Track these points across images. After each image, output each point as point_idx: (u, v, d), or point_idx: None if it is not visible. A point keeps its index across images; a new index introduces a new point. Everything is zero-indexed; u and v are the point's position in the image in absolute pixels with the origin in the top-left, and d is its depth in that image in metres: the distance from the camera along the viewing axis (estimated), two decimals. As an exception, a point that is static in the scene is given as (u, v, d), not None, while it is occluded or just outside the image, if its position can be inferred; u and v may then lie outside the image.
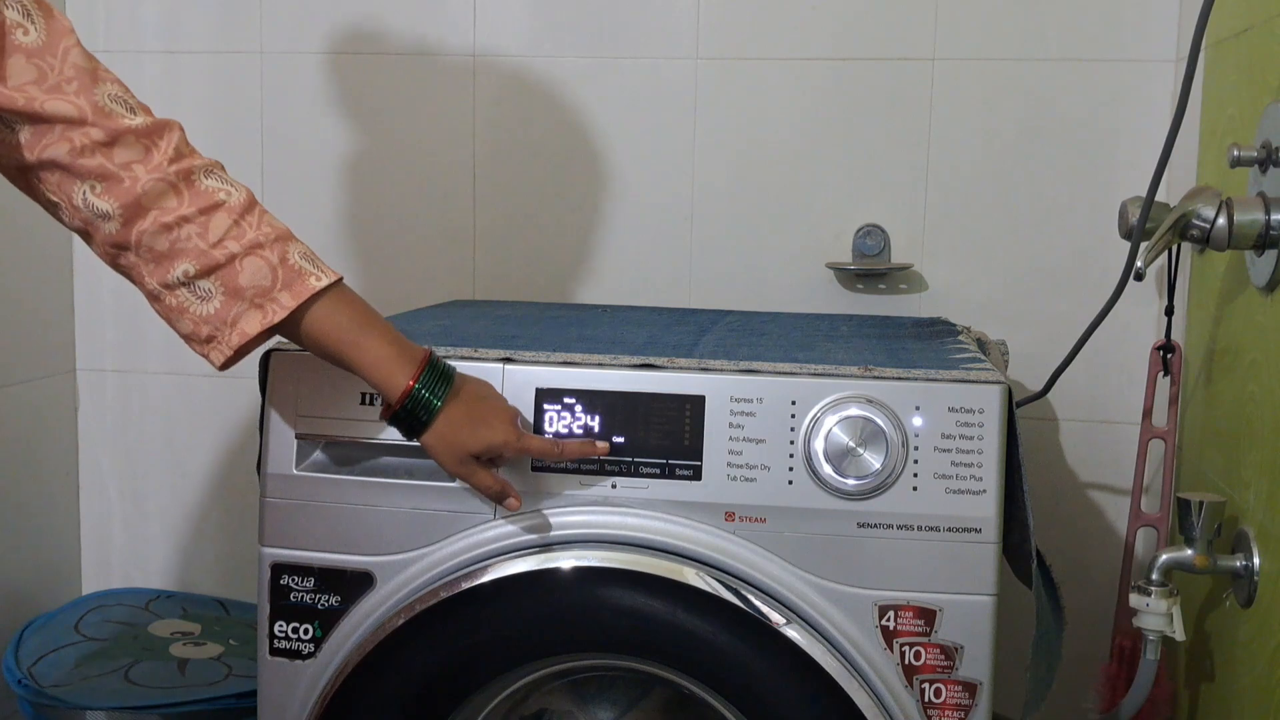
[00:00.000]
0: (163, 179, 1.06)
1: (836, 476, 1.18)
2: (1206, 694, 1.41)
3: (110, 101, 1.05)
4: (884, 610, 1.19)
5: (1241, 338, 1.33)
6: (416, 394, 1.13)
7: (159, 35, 1.86)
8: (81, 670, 1.64)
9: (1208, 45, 1.48)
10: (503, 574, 1.20)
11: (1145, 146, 1.64)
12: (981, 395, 1.19)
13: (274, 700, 1.27)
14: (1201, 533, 1.27)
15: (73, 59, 1.04)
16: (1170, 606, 1.30)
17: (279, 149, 1.86)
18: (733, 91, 1.76)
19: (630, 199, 1.79)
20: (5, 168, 1.07)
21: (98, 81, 1.05)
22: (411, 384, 1.13)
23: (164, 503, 1.95)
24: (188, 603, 1.90)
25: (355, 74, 1.83)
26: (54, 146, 1.03)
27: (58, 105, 1.02)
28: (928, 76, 1.71)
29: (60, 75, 1.03)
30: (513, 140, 1.81)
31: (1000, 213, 1.72)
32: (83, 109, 1.03)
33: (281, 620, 1.26)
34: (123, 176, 1.05)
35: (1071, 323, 1.57)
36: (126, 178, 1.05)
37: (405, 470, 1.24)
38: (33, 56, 1.02)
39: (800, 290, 1.75)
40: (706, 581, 1.18)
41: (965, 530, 1.18)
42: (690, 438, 1.21)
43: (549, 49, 1.79)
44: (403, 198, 1.83)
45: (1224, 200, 1.23)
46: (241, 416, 1.90)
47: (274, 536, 1.26)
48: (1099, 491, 1.74)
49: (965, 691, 1.19)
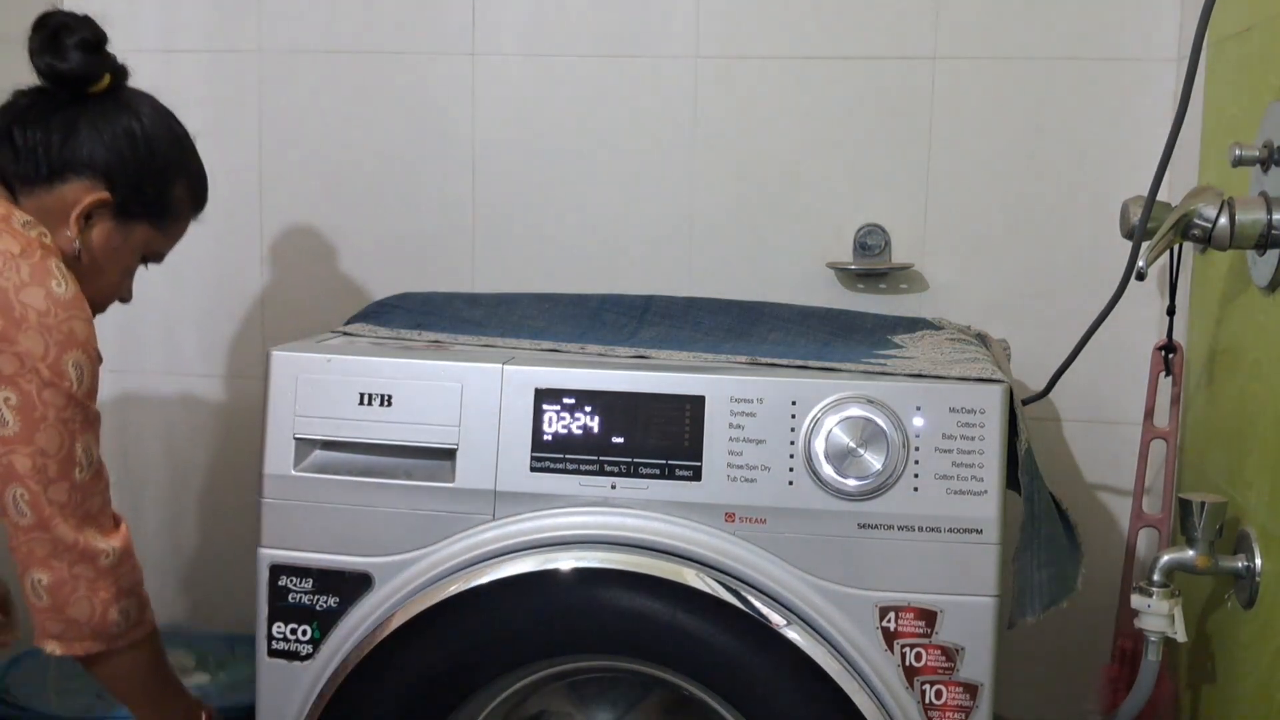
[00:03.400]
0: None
1: (837, 477, 1.18)
2: (1208, 695, 1.40)
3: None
4: (885, 611, 1.19)
5: (1243, 338, 1.33)
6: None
7: (158, 34, 1.86)
8: (59, 683, 1.63)
9: (1209, 44, 1.47)
10: (502, 575, 1.20)
11: (1147, 146, 1.64)
12: (982, 395, 1.18)
13: (273, 701, 1.27)
14: (1203, 533, 1.27)
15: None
16: (1172, 607, 1.29)
17: (278, 148, 1.85)
18: (733, 91, 1.75)
19: (630, 199, 1.78)
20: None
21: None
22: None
23: (161, 503, 1.95)
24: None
25: (354, 73, 1.82)
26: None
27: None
28: (929, 76, 1.71)
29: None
30: (512, 140, 1.80)
31: (1001, 212, 1.72)
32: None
33: (280, 621, 1.26)
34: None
35: (1073, 323, 1.57)
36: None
37: (404, 471, 1.24)
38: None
39: (801, 290, 1.74)
40: (706, 583, 1.18)
41: (966, 531, 1.17)
42: (690, 438, 1.20)
43: (549, 49, 1.78)
44: (401, 197, 1.83)
45: (1226, 200, 1.23)
46: (240, 416, 1.90)
47: (272, 537, 1.26)
48: (1100, 492, 1.74)
49: (966, 693, 1.18)
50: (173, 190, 1.33)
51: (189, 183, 1.36)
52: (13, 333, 1.15)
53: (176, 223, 1.36)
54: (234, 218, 1.87)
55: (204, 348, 1.89)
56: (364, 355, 1.27)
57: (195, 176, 1.38)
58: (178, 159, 1.34)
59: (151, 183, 1.30)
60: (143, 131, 1.30)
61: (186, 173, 1.36)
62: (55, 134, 1.26)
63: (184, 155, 1.36)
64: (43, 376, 1.16)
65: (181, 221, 1.37)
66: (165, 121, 1.35)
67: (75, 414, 1.19)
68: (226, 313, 1.88)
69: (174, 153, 1.34)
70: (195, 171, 1.38)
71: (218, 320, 1.88)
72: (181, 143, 1.36)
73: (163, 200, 1.32)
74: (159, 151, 1.31)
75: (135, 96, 1.34)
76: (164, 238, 1.35)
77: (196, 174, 1.38)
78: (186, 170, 1.36)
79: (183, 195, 1.35)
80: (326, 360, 1.26)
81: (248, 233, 1.87)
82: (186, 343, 1.91)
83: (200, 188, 1.39)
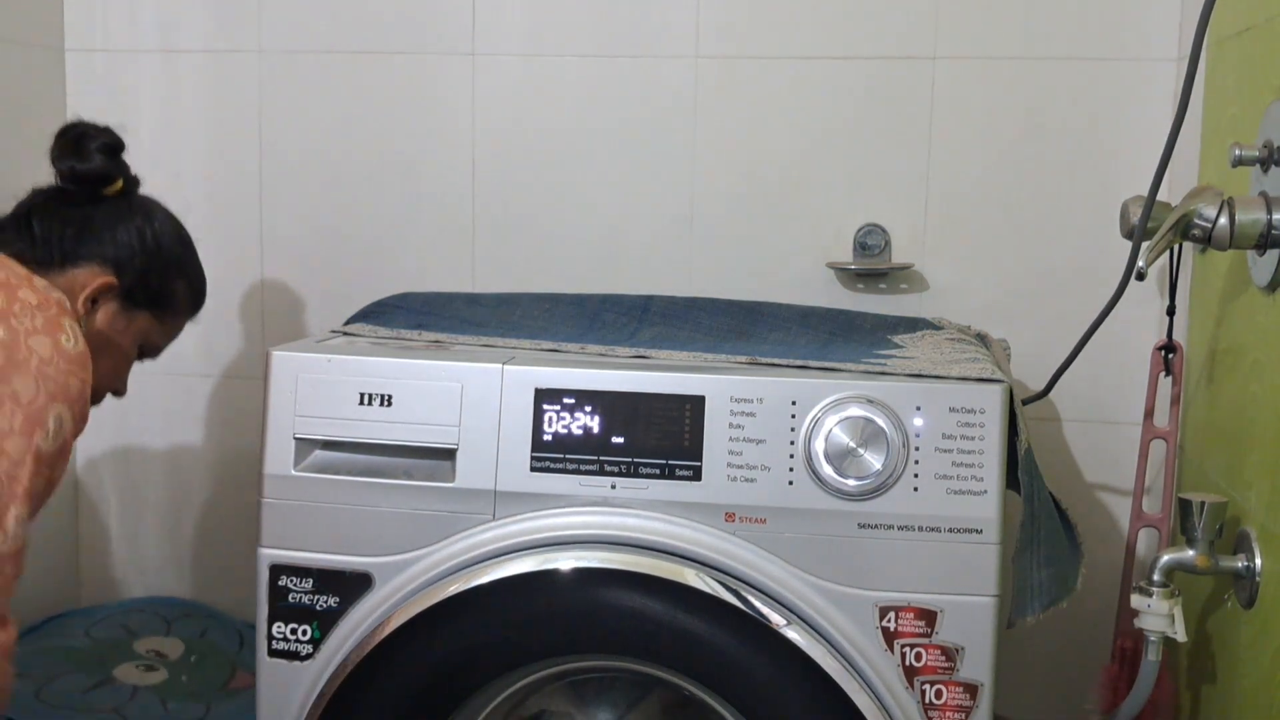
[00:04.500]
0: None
1: (837, 477, 1.18)
2: (1208, 695, 1.40)
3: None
4: (885, 611, 1.18)
5: (1243, 338, 1.33)
6: None
7: (157, 34, 1.86)
8: (18, 685, 1.63)
9: (1209, 44, 1.47)
10: (502, 575, 1.20)
11: (1146, 145, 1.64)
12: (982, 395, 1.18)
13: (272, 701, 1.27)
14: (1203, 533, 1.27)
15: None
16: (1172, 607, 1.29)
17: (277, 148, 1.85)
18: (733, 91, 1.75)
19: (630, 199, 1.78)
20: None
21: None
22: None
23: (161, 503, 1.95)
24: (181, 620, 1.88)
25: (354, 73, 1.82)
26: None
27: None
28: (929, 75, 1.71)
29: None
30: (512, 140, 1.80)
31: (1001, 212, 1.72)
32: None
33: (280, 621, 1.26)
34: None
35: (1073, 323, 1.57)
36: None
37: (404, 471, 1.24)
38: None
39: (801, 290, 1.74)
40: (706, 582, 1.18)
41: (966, 531, 1.17)
42: (690, 438, 1.20)
43: (549, 48, 1.78)
44: (401, 197, 1.83)
45: (1226, 200, 1.23)
46: (240, 417, 1.90)
47: (272, 537, 1.26)
48: (1100, 492, 1.74)
49: (966, 693, 1.18)
50: (175, 286, 1.41)
51: (190, 283, 1.44)
52: (10, 372, 1.15)
53: (175, 318, 1.43)
54: (234, 218, 1.87)
55: (204, 348, 1.89)
56: (364, 355, 1.27)
57: (196, 278, 1.46)
58: (181, 258, 1.43)
59: (156, 276, 1.38)
60: (152, 229, 1.39)
61: (188, 273, 1.44)
62: (70, 226, 1.34)
63: (187, 256, 1.44)
64: (15, 421, 1.14)
65: (180, 318, 1.44)
66: (173, 224, 1.43)
67: (23, 473, 1.14)
68: (226, 313, 1.88)
69: (179, 251, 1.42)
70: (196, 274, 1.46)
71: (218, 320, 1.88)
72: (186, 245, 1.44)
73: (165, 293, 1.40)
74: (165, 248, 1.40)
75: (146, 201, 1.43)
76: (162, 330, 1.42)
77: (197, 276, 1.46)
78: (189, 271, 1.44)
79: (183, 293, 1.43)
80: (326, 360, 1.26)
81: (248, 233, 1.87)
82: (186, 343, 1.90)
83: (200, 289, 1.47)
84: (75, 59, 1.87)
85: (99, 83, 1.87)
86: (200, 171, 1.87)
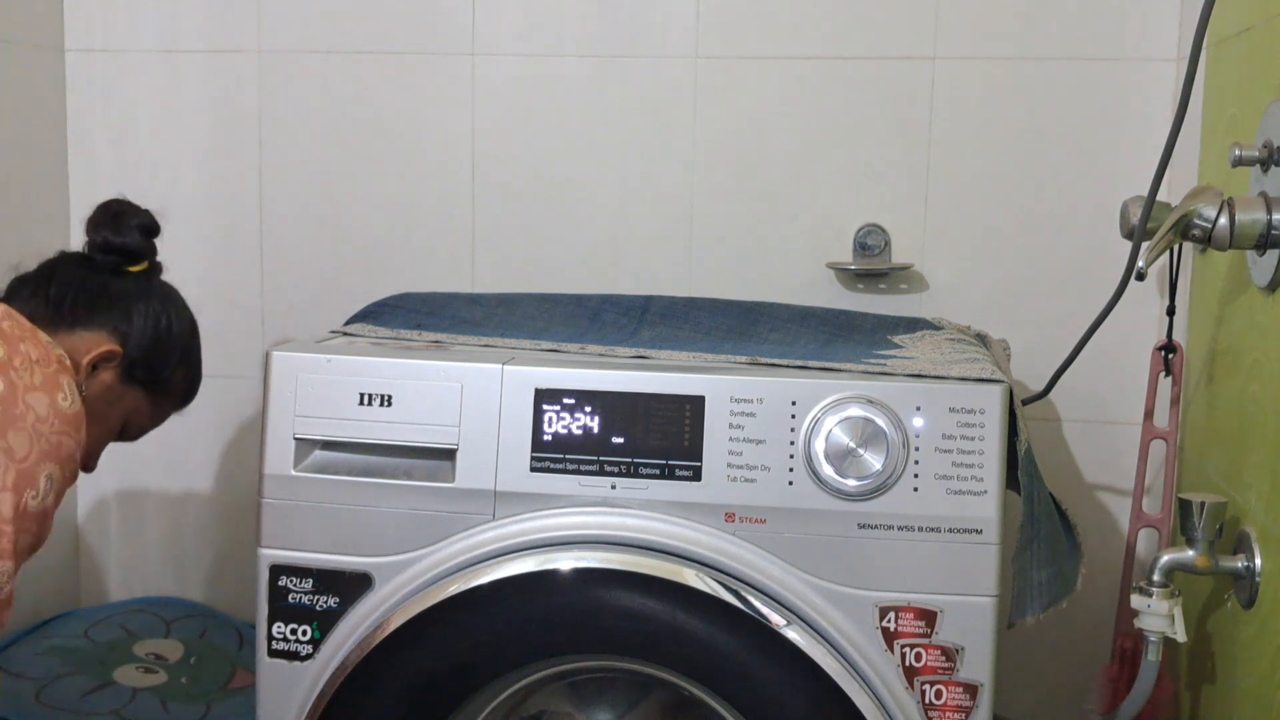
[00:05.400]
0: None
1: (837, 477, 1.18)
2: (1208, 695, 1.40)
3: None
4: (884, 611, 1.18)
5: (1243, 338, 1.33)
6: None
7: (157, 35, 1.86)
8: (17, 686, 1.63)
9: (1209, 44, 1.47)
10: (502, 575, 1.20)
11: (1146, 146, 1.64)
12: (982, 395, 1.18)
13: (272, 702, 1.27)
14: (1203, 533, 1.27)
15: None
16: (1172, 607, 1.29)
17: (277, 148, 1.85)
18: (733, 91, 1.75)
19: (630, 199, 1.78)
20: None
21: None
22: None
23: (161, 504, 1.95)
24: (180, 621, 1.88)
25: (354, 73, 1.82)
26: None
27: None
28: (928, 76, 1.71)
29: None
30: (512, 140, 1.80)
31: (1001, 212, 1.72)
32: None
33: (280, 621, 1.26)
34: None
35: (1073, 323, 1.57)
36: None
37: (404, 471, 1.24)
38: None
39: (801, 290, 1.74)
40: (706, 583, 1.18)
41: (966, 531, 1.17)
42: (690, 438, 1.20)
43: (549, 48, 1.78)
44: (401, 197, 1.83)
45: (1225, 200, 1.23)
46: (240, 417, 1.90)
47: (272, 538, 1.26)
48: (1100, 492, 1.74)
49: (966, 693, 1.18)
50: (174, 373, 1.42)
51: (188, 374, 1.46)
52: (6, 427, 1.14)
53: (164, 403, 1.44)
54: (234, 218, 1.87)
55: (204, 347, 1.88)
56: (364, 355, 1.27)
57: (195, 371, 1.48)
58: (186, 347, 1.44)
59: (159, 357, 1.39)
60: (168, 314, 1.41)
61: (190, 364, 1.46)
62: (87, 292, 1.35)
63: (192, 347, 1.46)
64: (7, 478, 1.13)
65: (169, 404, 1.45)
66: (188, 315, 1.45)
67: (10, 529, 1.14)
68: (226, 313, 1.88)
69: (186, 340, 1.44)
70: (195, 366, 1.48)
71: (218, 320, 1.88)
72: (194, 337, 1.46)
73: (163, 377, 1.41)
74: (175, 334, 1.41)
75: (167, 286, 1.44)
76: (150, 413, 1.43)
77: (196, 369, 1.48)
78: (190, 361, 1.46)
79: (180, 382, 1.44)
80: (326, 360, 1.26)
81: (248, 233, 1.87)
82: (186, 343, 1.91)
83: (195, 383, 1.48)
84: (75, 59, 1.87)
85: (99, 83, 1.87)
86: (200, 171, 1.87)
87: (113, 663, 1.73)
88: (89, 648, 1.76)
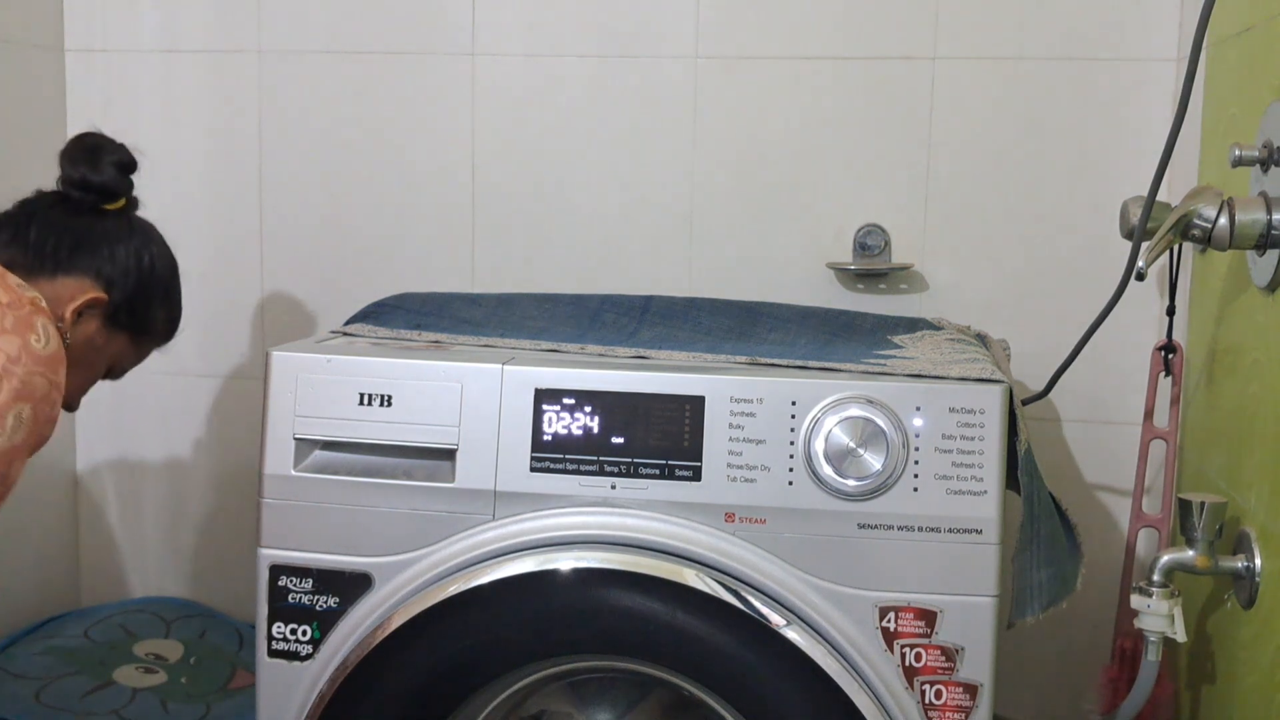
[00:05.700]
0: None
1: (837, 477, 1.18)
2: (1208, 695, 1.40)
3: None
4: (884, 611, 1.18)
5: (1243, 338, 1.33)
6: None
7: (157, 34, 1.86)
8: (17, 686, 1.63)
9: (1209, 44, 1.47)
10: (502, 575, 1.20)
11: (1146, 146, 1.64)
12: (982, 395, 1.18)
13: (272, 702, 1.27)
14: (1203, 534, 1.27)
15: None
16: (1172, 608, 1.29)
17: (277, 148, 1.85)
18: (733, 91, 1.75)
19: (630, 199, 1.78)
20: None
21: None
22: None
23: (161, 503, 1.95)
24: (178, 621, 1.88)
25: (354, 73, 1.82)
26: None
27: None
28: (928, 76, 1.71)
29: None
30: (512, 140, 1.80)
31: (1001, 212, 1.72)
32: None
33: (280, 621, 1.26)
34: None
35: (1072, 323, 1.57)
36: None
37: (404, 471, 1.24)
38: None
39: (800, 290, 1.74)
40: (706, 583, 1.18)
41: (966, 531, 1.17)
42: (690, 438, 1.20)
43: (548, 48, 1.78)
44: (401, 197, 1.83)
45: (1225, 200, 1.23)
46: (240, 417, 1.90)
47: (272, 538, 1.26)
48: (1100, 492, 1.74)
49: (966, 693, 1.18)
50: (158, 313, 1.42)
51: (169, 312, 1.45)
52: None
53: (148, 343, 1.44)
54: (234, 218, 1.87)
55: (204, 348, 1.89)
56: (364, 355, 1.27)
57: (176, 309, 1.47)
58: (169, 286, 1.43)
59: (143, 300, 1.38)
60: (149, 253, 1.39)
61: (171, 302, 1.45)
62: (68, 236, 1.34)
63: (174, 286, 1.45)
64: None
65: (152, 344, 1.45)
66: (166, 252, 1.44)
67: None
68: (226, 313, 1.88)
69: (168, 280, 1.43)
70: (177, 304, 1.47)
71: (217, 320, 1.88)
72: (175, 275, 1.45)
73: (147, 318, 1.40)
74: (158, 273, 1.40)
75: (145, 223, 1.43)
76: (134, 354, 1.43)
77: (178, 307, 1.47)
78: (172, 300, 1.45)
79: (162, 321, 1.44)
80: (326, 360, 1.26)
81: (248, 233, 1.87)
82: (186, 343, 1.90)
83: (176, 320, 1.47)
84: (75, 59, 1.87)
85: (99, 83, 1.87)
86: (200, 171, 1.87)
87: (113, 663, 1.73)
88: (89, 648, 1.76)
